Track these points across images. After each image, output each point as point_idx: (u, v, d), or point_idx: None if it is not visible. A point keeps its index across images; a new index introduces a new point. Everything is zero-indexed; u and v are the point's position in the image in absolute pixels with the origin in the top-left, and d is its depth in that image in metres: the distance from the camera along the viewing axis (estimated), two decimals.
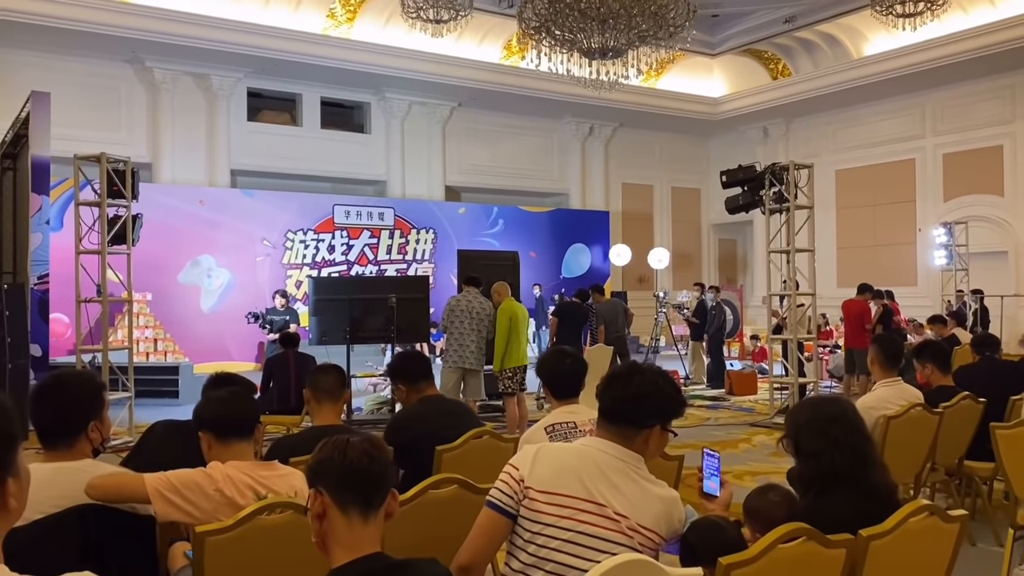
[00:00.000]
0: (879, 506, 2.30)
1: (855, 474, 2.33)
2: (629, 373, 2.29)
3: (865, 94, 18.90)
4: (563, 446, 2.36)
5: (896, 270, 18.58)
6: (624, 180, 21.68)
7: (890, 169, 19.40)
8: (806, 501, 2.38)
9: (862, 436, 2.43)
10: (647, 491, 2.18)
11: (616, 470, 2.17)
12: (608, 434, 2.23)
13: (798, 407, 2.63)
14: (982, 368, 5.31)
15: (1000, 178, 17.67)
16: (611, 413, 2.25)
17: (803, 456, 2.42)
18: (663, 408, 2.24)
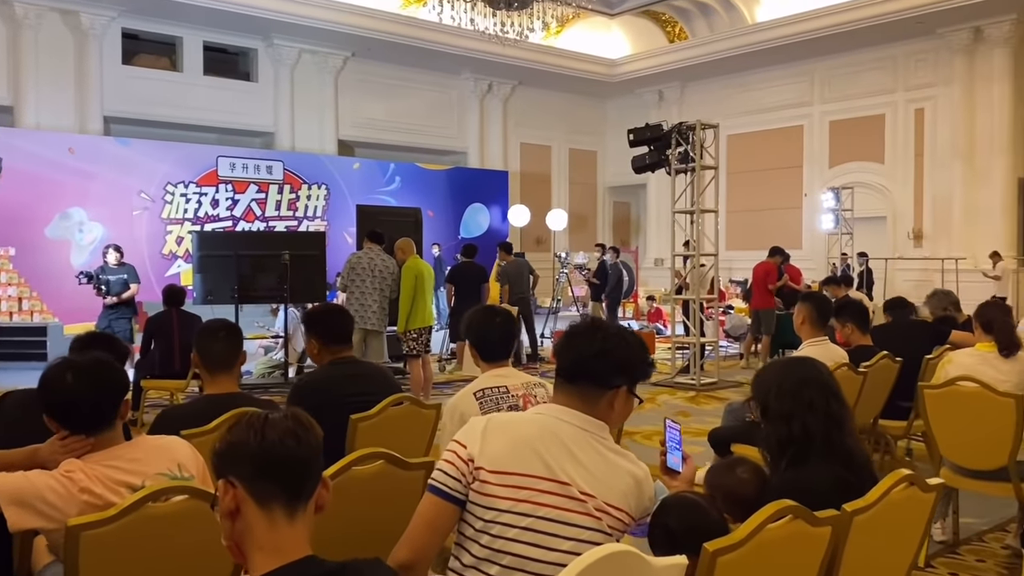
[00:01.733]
0: (857, 475, 2.12)
1: (831, 440, 2.14)
2: (591, 328, 2.00)
3: (758, 60, 19.21)
4: (517, 416, 2.04)
5: (783, 233, 19.05)
6: (523, 140, 21.41)
7: (779, 135, 19.87)
8: (780, 473, 2.17)
9: (838, 399, 2.24)
10: (614, 464, 1.90)
11: (579, 441, 1.88)
12: (567, 399, 1.95)
13: (766, 368, 2.41)
14: (896, 328, 5.36)
15: (881, 146, 18.37)
16: (572, 372, 1.96)
17: (772, 419, 2.21)
18: (631, 366, 1.97)
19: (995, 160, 16.19)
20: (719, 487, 2.19)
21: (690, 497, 2.00)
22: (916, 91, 17.67)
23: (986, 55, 16.23)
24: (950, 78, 16.83)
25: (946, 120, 17.03)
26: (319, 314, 3.72)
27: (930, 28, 16.55)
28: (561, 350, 1.99)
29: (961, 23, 16.16)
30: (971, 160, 16.49)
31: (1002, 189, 16.22)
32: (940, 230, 17.08)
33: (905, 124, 17.96)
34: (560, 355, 1.99)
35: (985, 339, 3.90)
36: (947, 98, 16.98)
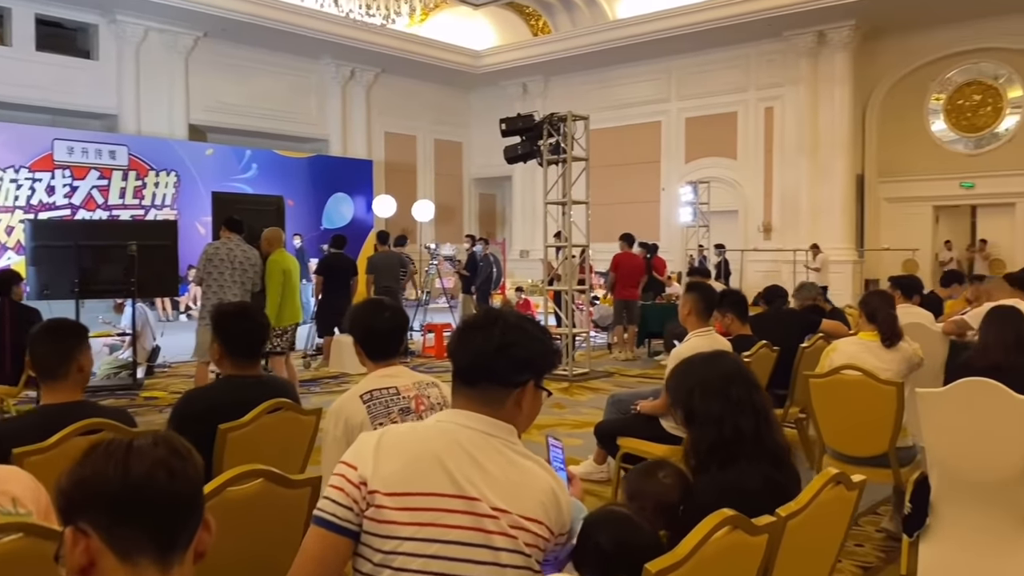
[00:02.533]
0: (783, 472, 2.02)
1: (760, 437, 2.02)
2: (488, 321, 1.76)
3: (618, 56, 19.60)
4: (413, 427, 1.80)
5: (642, 226, 19.50)
6: (387, 129, 20.93)
7: (638, 130, 20.35)
8: (709, 477, 2.03)
9: (759, 391, 2.13)
10: (528, 472, 1.66)
11: (486, 449, 1.65)
12: (468, 402, 1.71)
13: (684, 367, 2.25)
14: (773, 318, 5.47)
15: (734, 142, 19.17)
16: (471, 374, 1.72)
17: (699, 423, 2.07)
18: (537, 358, 1.74)
19: (836, 158, 17.21)
20: (644, 495, 2.02)
21: (620, 511, 1.82)
22: (766, 90, 18.53)
23: (828, 58, 17.21)
24: (796, 79, 17.75)
25: (793, 119, 17.95)
26: (229, 315, 3.16)
27: (778, 31, 17.38)
28: (456, 349, 1.75)
29: (806, 27, 17.05)
30: (815, 157, 17.46)
31: (843, 185, 17.26)
32: (788, 223, 18.00)
33: (756, 122, 18.81)
34: (456, 355, 1.75)
35: (868, 328, 3.99)
36: (794, 98, 17.90)
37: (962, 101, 17.00)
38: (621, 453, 4.37)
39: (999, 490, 3.24)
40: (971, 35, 16.26)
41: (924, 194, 17.59)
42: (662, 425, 4.24)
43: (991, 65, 16.53)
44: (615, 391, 5.70)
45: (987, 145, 16.75)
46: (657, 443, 4.22)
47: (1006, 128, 16.48)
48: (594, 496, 4.78)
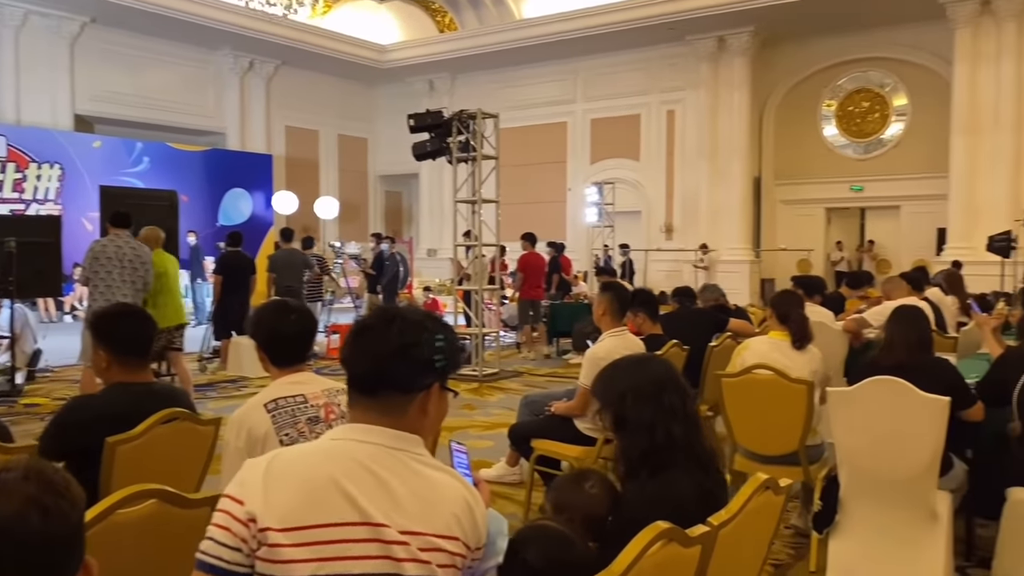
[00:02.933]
0: (713, 478, 1.97)
1: (691, 444, 1.96)
2: (385, 319, 1.57)
3: (525, 56, 19.63)
4: (304, 450, 1.55)
5: (548, 226, 19.69)
6: (288, 123, 20.34)
7: (545, 130, 20.43)
8: (638, 485, 1.95)
9: (690, 397, 2.08)
10: (438, 485, 1.51)
11: (391, 465, 1.47)
12: (367, 413, 1.52)
13: (613, 370, 2.17)
14: (683, 317, 5.51)
15: (638, 144, 19.49)
16: (369, 381, 1.53)
17: (631, 430, 1.99)
18: (436, 359, 1.56)
19: (734, 161, 17.70)
20: (571, 506, 1.93)
21: (550, 526, 1.72)
22: (668, 94, 18.91)
23: (728, 63, 17.69)
24: (697, 83, 18.17)
25: (694, 122, 18.38)
26: (113, 317, 2.90)
27: (681, 35, 17.76)
28: (350, 354, 1.56)
29: (707, 32, 17.47)
30: (715, 160, 17.92)
31: (740, 187, 17.78)
32: (688, 224, 18.42)
33: (658, 124, 19.18)
34: (350, 361, 1.56)
35: (777, 327, 4.04)
36: (695, 102, 18.33)
37: (852, 108, 17.78)
38: (535, 455, 4.30)
39: (906, 486, 3.31)
40: (860, 44, 17.01)
41: (817, 196, 18.32)
42: (576, 426, 4.19)
43: (878, 74, 17.34)
44: (528, 392, 5.64)
45: (875, 150, 17.56)
46: (572, 444, 4.17)
47: (892, 134, 17.33)
48: (507, 499, 4.69)
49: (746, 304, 9.64)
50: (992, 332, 4.86)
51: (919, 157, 16.64)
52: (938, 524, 3.33)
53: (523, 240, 10.58)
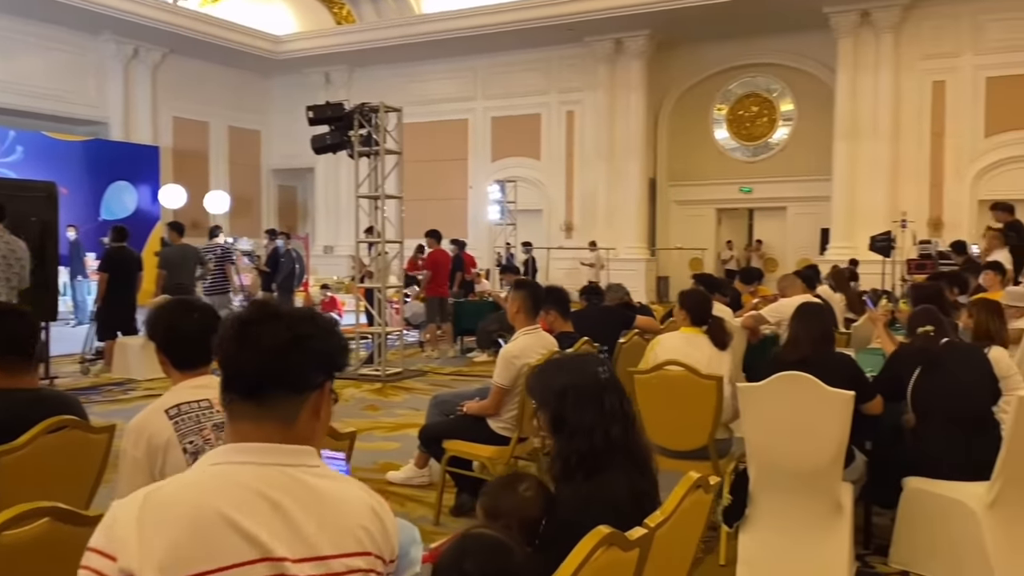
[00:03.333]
0: (646, 479, 1.95)
1: (628, 446, 1.93)
2: (269, 312, 1.39)
3: (425, 52, 19.44)
4: (183, 482, 1.32)
5: (450, 223, 19.58)
6: (176, 113, 19.48)
7: (446, 127, 20.30)
8: (573, 487, 1.90)
9: (627, 398, 2.04)
10: (340, 498, 1.36)
11: (285, 485, 1.30)
12: (253, 425, 1.34)
13: (552, 369, 2.11)
14: (592, 314, 5.53)
15: (538, 144, 19.63)
16: (255, 382, 1.34)
17: (570, 432, 1.93)
18: (335, 352, 1.42)
19: (631, 162, 18.06)
20: (506, 512, 1.86)
21: (488, 534, 1.64)
22: (567, 94, 19.12)
23: (625, 66, 18.02)
24: (595, 84, 18.44)
25: (592, 123, 18.64)
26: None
27: (579, 36, 17.98)
28: (234, 351, 1.36)
29: (605, 34, 17.75)
30: (612, 161, 18.23)
31: (637, 188, 18.15)
32: (587, 223, 18.68)
33: (558, 124, 19.37)
34: (234, 358, 1.36)
35: (690, 325, 4.09)
36: (593, 103, 18.59)
37: (742, 112, 18.43)
38: (447, 456, 4.22)
39: (813, 479, 3.40)
40: (750, 51, 17.64)
41: (708, 197, 18.91)
42: (490, 426, 4.13)
43: (767, 79, 18.04)
44: (437, 392, 5.53)
45: (763, 154, 18.27)
46: (485, 444, 4.10)
47: (779, 139, 18.07)
48: (417, 502, 4.59)
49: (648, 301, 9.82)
50: (884, 328, 5.09)
51: (804, 161, 17.40)
52: (842, 514, 3.44)
53: (428, 237, 10.46)
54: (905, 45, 15.57)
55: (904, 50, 15.57)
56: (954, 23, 15.27)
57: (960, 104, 15.35)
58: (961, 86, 15.33)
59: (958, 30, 15.26)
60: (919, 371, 3.76)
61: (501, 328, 9.94)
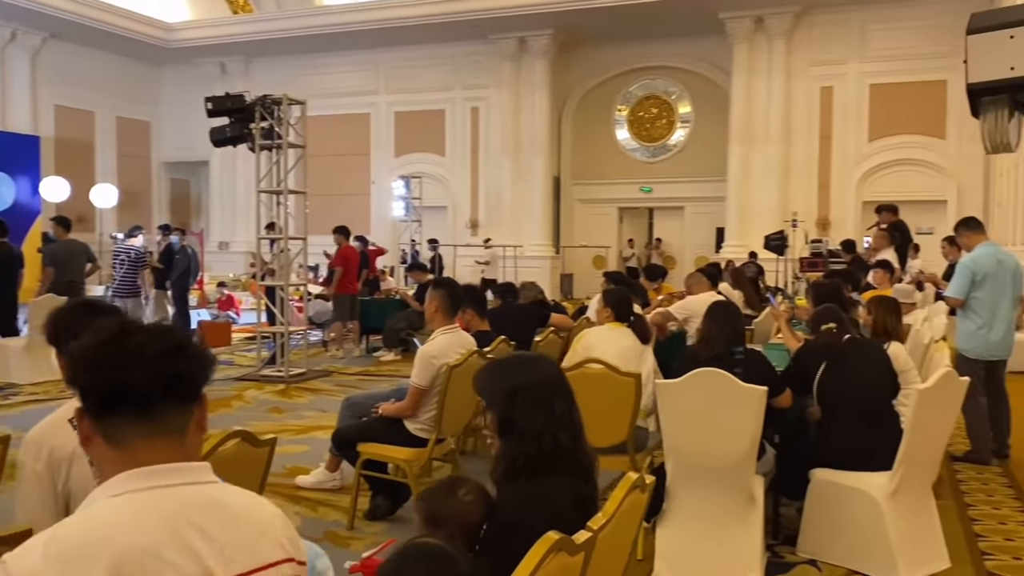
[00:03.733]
0: (589, 485, 1.93)
1: (575, 451, 1.91)
2: (132, 327, 1.29)
3: (326, 44, 19.05)
4: (89, 523, 1.18)
5: (353, 219, 19.15)
6: (58, 102, 18.42)
7: (348, 121, 19.94)
8: (515, 488, 1.85)
9: (575, 403, 2.01)
10: (251, 512, 1.30)
11: (202, 507, 1.23)
12: (142, 446, 1.23)
13: (502, 369, 2.02)
14: (508, 312, 5.50)
15: (443, 140, 19.52)
16: (142, 395, 1.23)
17: (519, 435, 1.87)
18: (210, 360, 1.33)
19: (536, 160, 18.19)
20: (448, 518, 1.81)
21: (432, 544, 1.59)
22: (472, 91, 19.08)
23: (530, 64, 18.12)
24: (500, 82, 18.47)
25: (497, 120, 18.67)
26: None
27: (484, 33, 17.97)
28: (117, 361, 1.23)
29: (509, 32, 17.80)
30: (517, 158, 18.32)
31: (541, 186, 18.30)
32: (493, 220, 18.71)
33: (463, 121, 19.31)
34: (118, 368, 1.22)
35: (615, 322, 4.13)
36: (498, 100, 18.62)
37: (642, 113, 18.83)
38: (362, 460, 4.12)
39: (728, 473, 3.48)
40: (650, 53, 18.04)
41: (610, 196, 19.24)
42: (407, 427, 4.05)
43: (665, 82, 18.49)
44: (349, 394, 5.40)
45: (662, 154, 18.72)
46: (401, 447, 4.02)
47: (677, 140, 18.55)
48: (329, 507, 4.47)
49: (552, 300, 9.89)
50: (786, 324, 5.28)
51: (701, 162, 17.93)
52: (755, 507, 3.53)
53: (337, 234, 10.22)
54: (796, 51, 16.24)
55: (795, 56, 16.24)
56: (842, 31, 16.03)
57: (846, 109, 16.14)
58: (847, 92, 16.11)
59: (845, 38, 16.03)
60: (824, 366, 3.91)
61: (410, 326, 9.84)
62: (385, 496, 4.24)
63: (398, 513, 4.26)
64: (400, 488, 4.22)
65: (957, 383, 3.62)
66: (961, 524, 4.10)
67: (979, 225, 5.61)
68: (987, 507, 4.39)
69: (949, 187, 15.51)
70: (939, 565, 3.57)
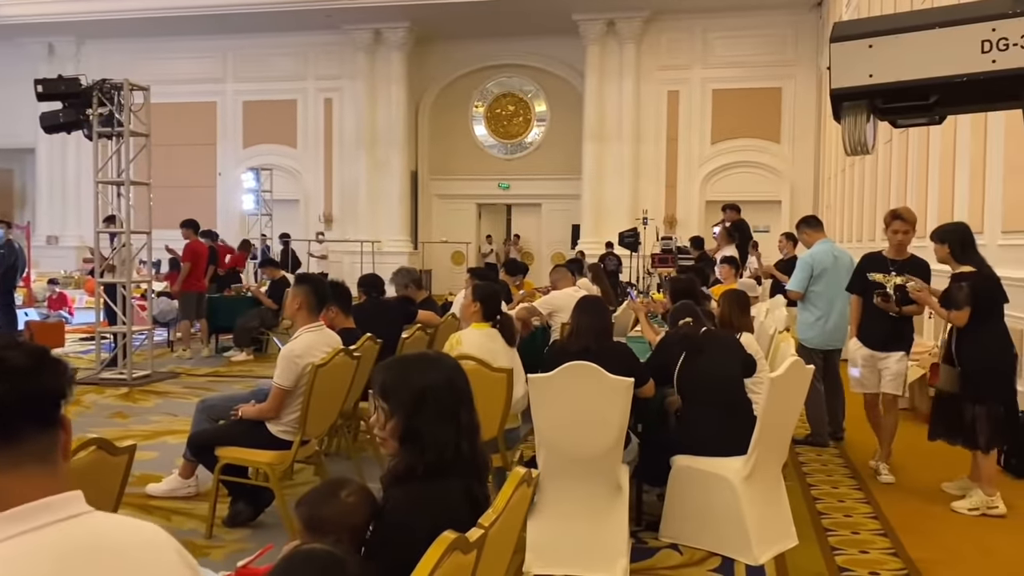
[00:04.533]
0: (483, 485, 1.91)
1: (473, 456, 1.87)
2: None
3: (169, 27, 18.08)
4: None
5: (199, 212, 18.19)
6: None
7: (193, 109, 19.02)
8: (406, 489, 1.78)
9: (474, 406, 1.97)
10: (146, 539, 1.17)
11: (88, 547, 1.08)
12: (9, 479, 1.08)
13: (408, 372, 1.90)
14: (372, 308, 5.37)
15: (294, 131, 18.96)
16: (5, 416, 1.08)
17: (422, 445, 1.79)
18: (71, 374, 1.20)
19: (393, 153, 18.00)
20: (333, 522, 1.72)
21: (319, 550, 1.50)
22: (325, 81, 18.64)
23: (385, 56, 17.89)
24: (355, 73, 18.14)
25: (352, 112, 18.33)
26: None
27: (337, 23, 17.59)
28: None
29: (364, 23, 17.52)
30: (374, 151, 18.06)
31: (399, 180, 18.14)
32: (348, 214, 18.36)
33: (315, 112, 18.83)
34: None
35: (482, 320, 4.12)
36: (352, 92, 18.28)
37: (499, 110, 19.01)
38: (221, 465, 3.91)
39: (597, 463, 3.56)
40: (506, 51, 18.25)
41: (469, 192, 19.32)
42: (269, 430, 3.88)
43: (521, 80, 18.75)
44: (205, 396, 5.12)
45: (519, 152, 18.99)
46: (264, 450, 3.85)
47: (534, 138, 18.86)
48: (185, 515, 4.23)
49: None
50: (645, 317, 5.46)
51: (557, 160, 18.32)
52: (621, 495, 3.63)
53: (185, 228, 9.69)
54: (645, 55, 16.89)
55: (644, 60, 16.88)
56: (687, 38, 16.81)
57: (691, 112, 16.95)
58: (691, 96, 16.92)
59: (690, 45, 16.83)
60: (683, 357, 4.07)
61: (263, 325, 9.47)
62: (246, 501, 4.06)
63: (260, 518, 4.08)
64: (262, 492, 4.05)
65: (804, 371, 3.87)
66: (806, 503, 4.39)
67: (819, 223, 6.03)
68: (827, 486, 4.72)
69: (783, 188, 16.60)
70: (788, 543, 3.79)
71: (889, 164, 9.63)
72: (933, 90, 2.14)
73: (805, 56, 16.13)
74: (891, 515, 4.19)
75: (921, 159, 8.20)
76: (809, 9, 16.11)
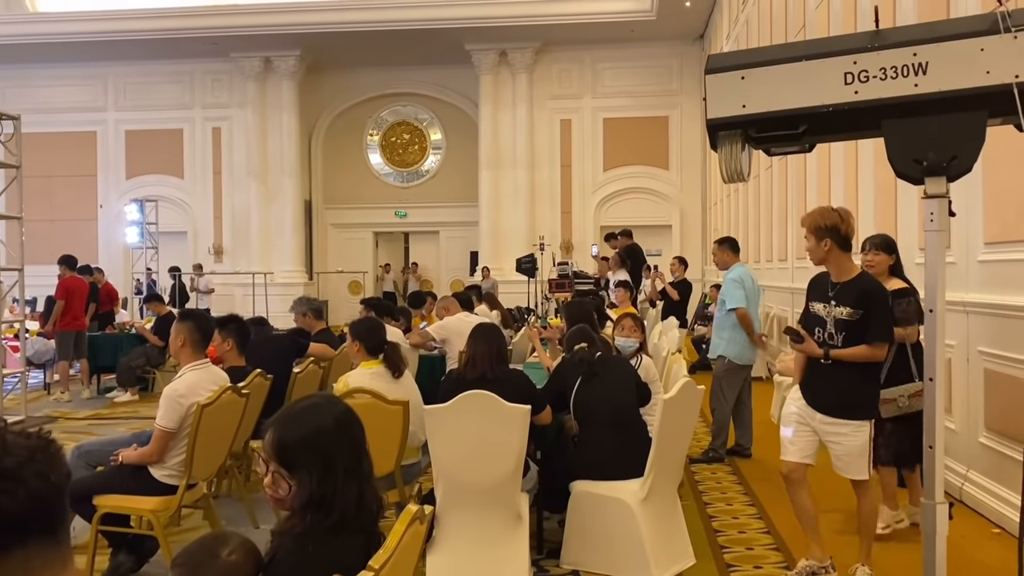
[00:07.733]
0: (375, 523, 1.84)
1: (367, 502, 1.80)
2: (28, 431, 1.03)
3: (44, 53, 17.27)
4: None
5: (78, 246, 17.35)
6: None
7: (71, 139, 18.18)
8: (299, 543, 1.67)
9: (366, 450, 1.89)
10: None
11: None
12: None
13: (300, 431, 1.78)
14: (262, 343, 5.18)
15: (181, 161, 18.35)
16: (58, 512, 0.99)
17: (324, 505, 1.69)
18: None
19: (285, 182, 17.65)
20: None
21: None
22: (213, 110, 18.16)
23: (276, 85, 17.59)
24: (244, 102, 17.75)
25: (242, 141, 17.89)
26: None
27: (225, 51, 17.20)
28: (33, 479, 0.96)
29: (253, 52, 17.19)
30: (265, 181, 17.66)
31: (292, 209, 17.78)
32: (239, 245, 17.84)
33: (203, 141, 18.29)
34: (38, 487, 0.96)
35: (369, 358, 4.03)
36: (242, 120, 17.86)
37: (394, 139, 18.95)
38: (99, 515, 3.68)
39: (495, 492, 3.53)
40: (400, 80, 18.24)
41: (365, 221, 19.11)
42: (152, 474, 3.68)
43: (415, 108, 18.76)
44: (81, 441, 4.82)
45: (415, 180, 18.95)
46: (148, 496, 3.65)
47: (430, 166, 18.86)
48: None
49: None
50: (539, 343, 5.49)
51: (454, 187, 18.37)
52: (521, 524, 3.61)
53: (62, 264, 9.19)
54: (538, 85, 17.19)
55: (537, 89, 17.18)
56: (577, 68, 17.22)
57: (583, 140, 17.32)
58: (583, 124, 17.31)
59: (580, 75, 17.24)
60: (579, 382, 4.10)
61: (148, 363, 9.06)
62: (128, 551, 3.83)
63: (144, 568, 3.86)
64: (145, 541, 3.83)
65: (695, 392, 3.95)
66: (702, 522, 4.47)
67: (737, 247, 6.17)
68: (722, 504, 4.83)
69: (673, 213, 17.13)
70: (686, 563, 3.85)
71: (771, 189, 10.08)
72: (802, 120, 2.24)
73: (689, 86, 16.76)
74: (782, 529, 4.31)
75: (799, 184, 8.63)
76: (692, 42, 16.78)
